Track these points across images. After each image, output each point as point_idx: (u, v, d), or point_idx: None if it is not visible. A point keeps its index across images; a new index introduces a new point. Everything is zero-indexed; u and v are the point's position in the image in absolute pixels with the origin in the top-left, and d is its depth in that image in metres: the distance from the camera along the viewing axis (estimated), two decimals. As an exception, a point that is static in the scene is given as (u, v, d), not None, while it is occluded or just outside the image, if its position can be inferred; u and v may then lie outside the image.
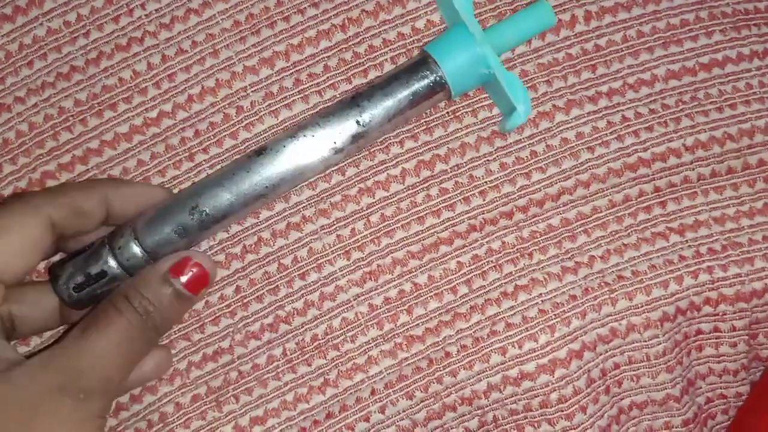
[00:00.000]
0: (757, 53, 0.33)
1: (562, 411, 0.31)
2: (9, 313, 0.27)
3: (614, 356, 0.32)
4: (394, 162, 0.32)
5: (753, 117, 0.33)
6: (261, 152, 0.28)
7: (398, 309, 0.31)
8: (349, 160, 0.32)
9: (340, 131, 0.28)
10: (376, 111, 0.28)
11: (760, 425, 0.32)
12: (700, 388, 0.33)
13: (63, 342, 0.24)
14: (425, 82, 0.28)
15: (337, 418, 0.31)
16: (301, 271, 0.32)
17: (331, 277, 0.32)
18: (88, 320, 0.25)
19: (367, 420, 0.31)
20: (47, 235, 0.26)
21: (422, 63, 0.29)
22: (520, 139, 0.32)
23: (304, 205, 0.32)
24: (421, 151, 0.32)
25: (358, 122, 0.28)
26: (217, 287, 0.32)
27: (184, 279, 0.26)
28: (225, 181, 0.27)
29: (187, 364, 0.31)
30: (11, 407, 0.23)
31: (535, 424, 0.31)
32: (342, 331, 0.31)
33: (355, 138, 0.28)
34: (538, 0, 0.31)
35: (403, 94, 0.28)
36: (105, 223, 0.28)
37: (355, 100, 0.28)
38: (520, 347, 0.31)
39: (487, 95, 0.32)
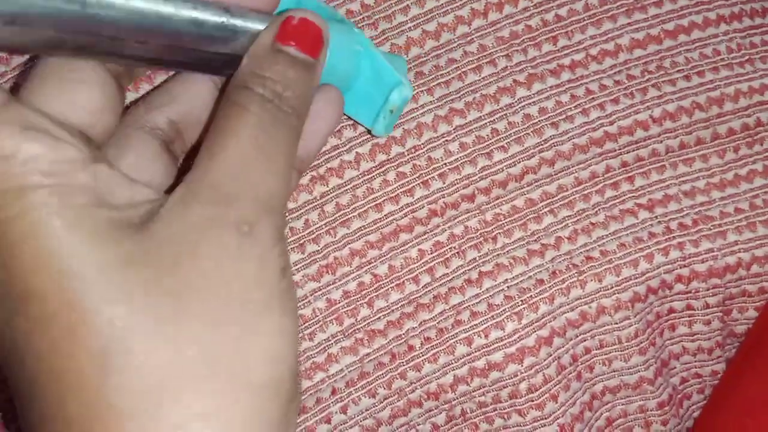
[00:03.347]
0: (724, 17, 0.32)
1: (533, 401, 0.29)
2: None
3: (585, 341, 0.30)
4: (347, 147, 0.30)
5: (722, 84, 0.32)
6: None
7: (358, 303, 0.30)
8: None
9: None
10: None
11: (736, 400, 0.31)
12: (675, 368, 0.32)
13: (193, 170, 0.19)
14: None
15: (297, 421, 0.29)
16: (253, 268, 0.30)
17: (285, 272, 0.30)
18: (210, 136, 0.19)
19: (328, 421, 0.29)
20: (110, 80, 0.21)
21: None
22: (481, 117, 0.31)
23: (252, 196, 0.30)
24: (376, 134, 0.30)
25: None
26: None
27: (294, 43, 0.21)
28: None
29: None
30: (167, 255, 0.17)
31: (505, 416, 0.30)
32: (299, 328, 0.30)
33: None
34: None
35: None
36: None
37: None
38: (486, 337, 0.29)
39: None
